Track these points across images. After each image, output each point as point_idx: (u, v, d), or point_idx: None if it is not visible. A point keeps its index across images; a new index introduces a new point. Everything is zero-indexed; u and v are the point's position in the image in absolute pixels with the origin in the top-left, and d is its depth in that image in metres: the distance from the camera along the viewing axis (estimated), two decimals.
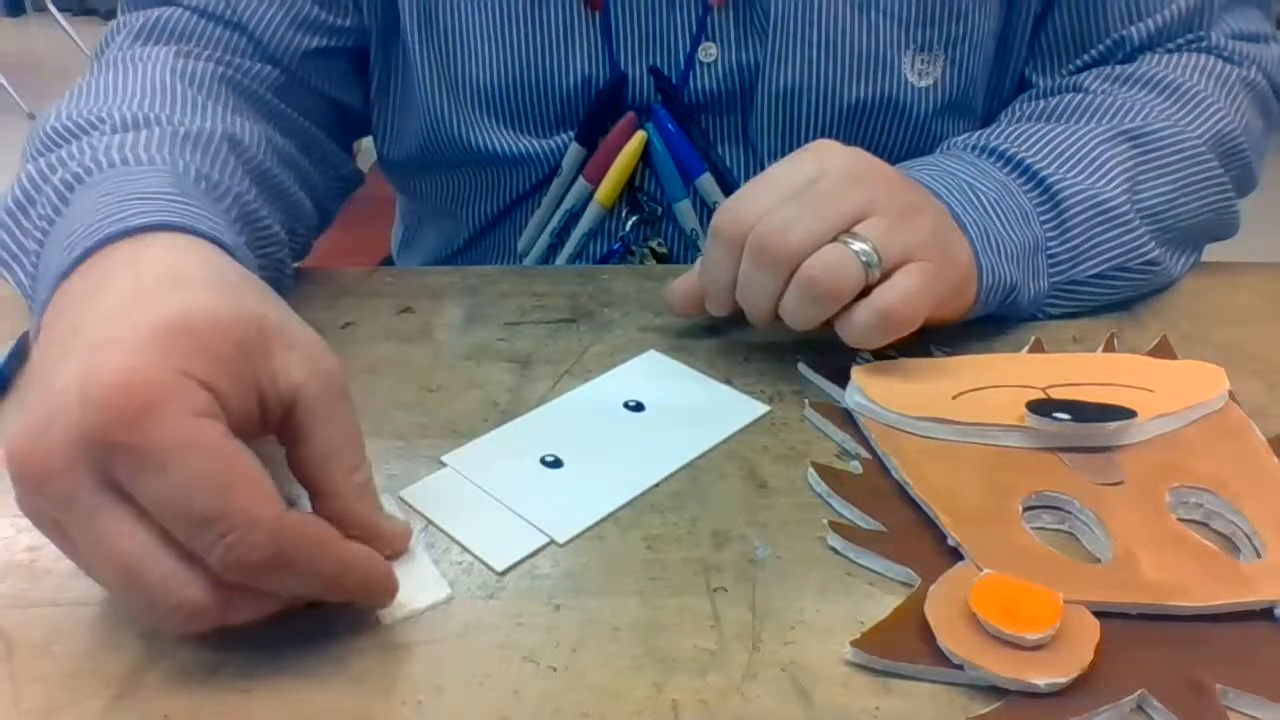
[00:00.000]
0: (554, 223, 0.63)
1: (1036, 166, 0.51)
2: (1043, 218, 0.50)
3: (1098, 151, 0.52)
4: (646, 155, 0.60)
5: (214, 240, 0.38)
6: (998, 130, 0.55)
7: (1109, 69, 0.58)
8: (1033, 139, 0.52)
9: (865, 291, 0.42)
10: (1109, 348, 0.48)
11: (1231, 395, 0.44)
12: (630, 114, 0.59)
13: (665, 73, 0.58)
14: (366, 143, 0.74)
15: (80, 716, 0.30)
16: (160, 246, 0.36)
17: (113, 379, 0.29)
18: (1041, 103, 0.58)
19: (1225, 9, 0.59)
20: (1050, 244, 0.50)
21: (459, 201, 0.66)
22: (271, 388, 0.33)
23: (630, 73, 0.58)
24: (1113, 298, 0.52)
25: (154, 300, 0.33)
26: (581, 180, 0.61)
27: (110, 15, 4.17)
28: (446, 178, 0.65)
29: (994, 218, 0.48)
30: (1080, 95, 0.57)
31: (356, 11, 0.60)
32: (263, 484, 0.30)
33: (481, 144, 0.60)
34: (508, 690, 0.31)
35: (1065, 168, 0.51)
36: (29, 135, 0.50)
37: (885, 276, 0.42)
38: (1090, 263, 0.50)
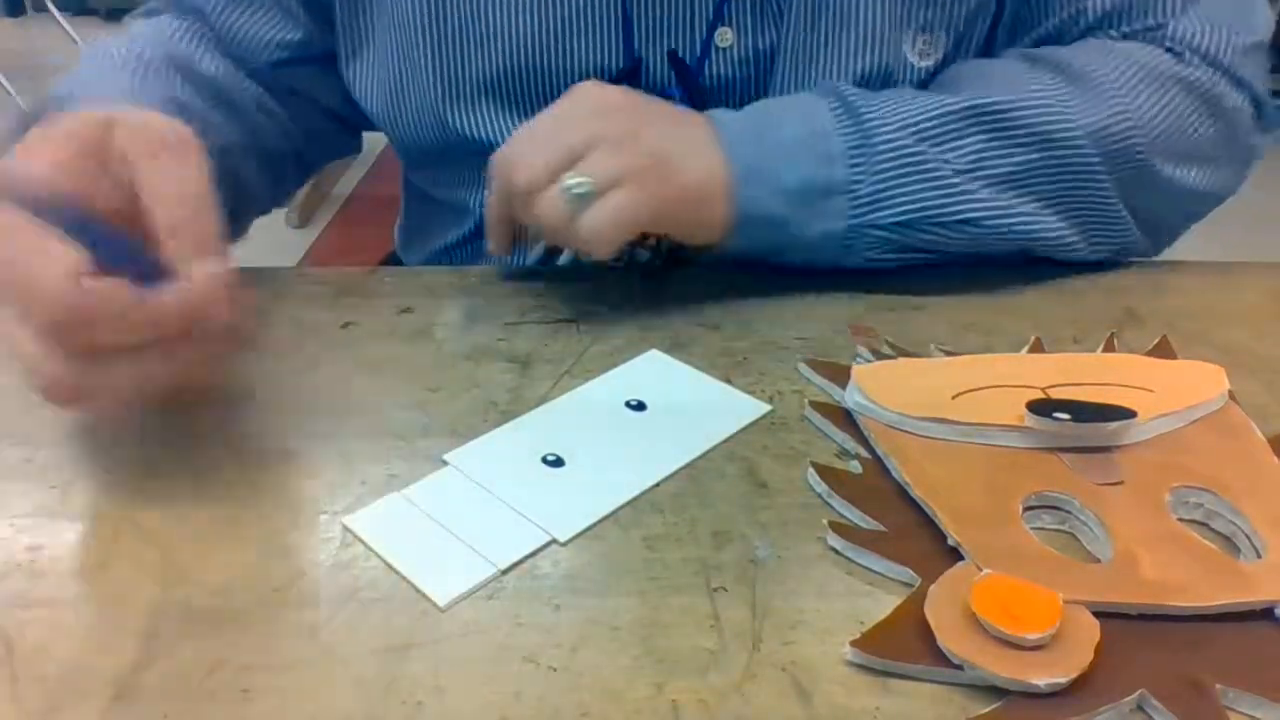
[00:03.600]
0: None
1: (866, 115, 0.52)
2: (851, 159, 0.51)
3: (941, 112, 0.52)
4: None
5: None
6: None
7: (1026, 50, 0.58)
8: (890, 99, 0.53)
9: None
10: (1109, 348, 0.48)
11: (1231, 395, 0.44)
12: None
13: (680, 57, 0.58)
14: (367, 141, 0.75)
15: (80, 716, 0.30)
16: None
17: None
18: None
19: None
20: (854, 186, 0.51)
21: (467, 190, 0.66)
22: (115, 166, 0.39)
23: (646, 57, 0.58)
24: (948, 250, 0.53)
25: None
26: None
27: (110, 15, 4.17)
28: (454, 168, 0.65)
29: (778, 155, 0.51)
30: (971, 66, 0.58)
31: (311, 22, 0.62)
32: (59, 255, 0.34)
33: (490, 137, 0.60)
34: (508, 690, 0.31)
35: (893, 117, 0.52)
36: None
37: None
38: (889, 210, 0.51)
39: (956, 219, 0.52)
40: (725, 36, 0.58)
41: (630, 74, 0.58)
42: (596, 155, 0.48)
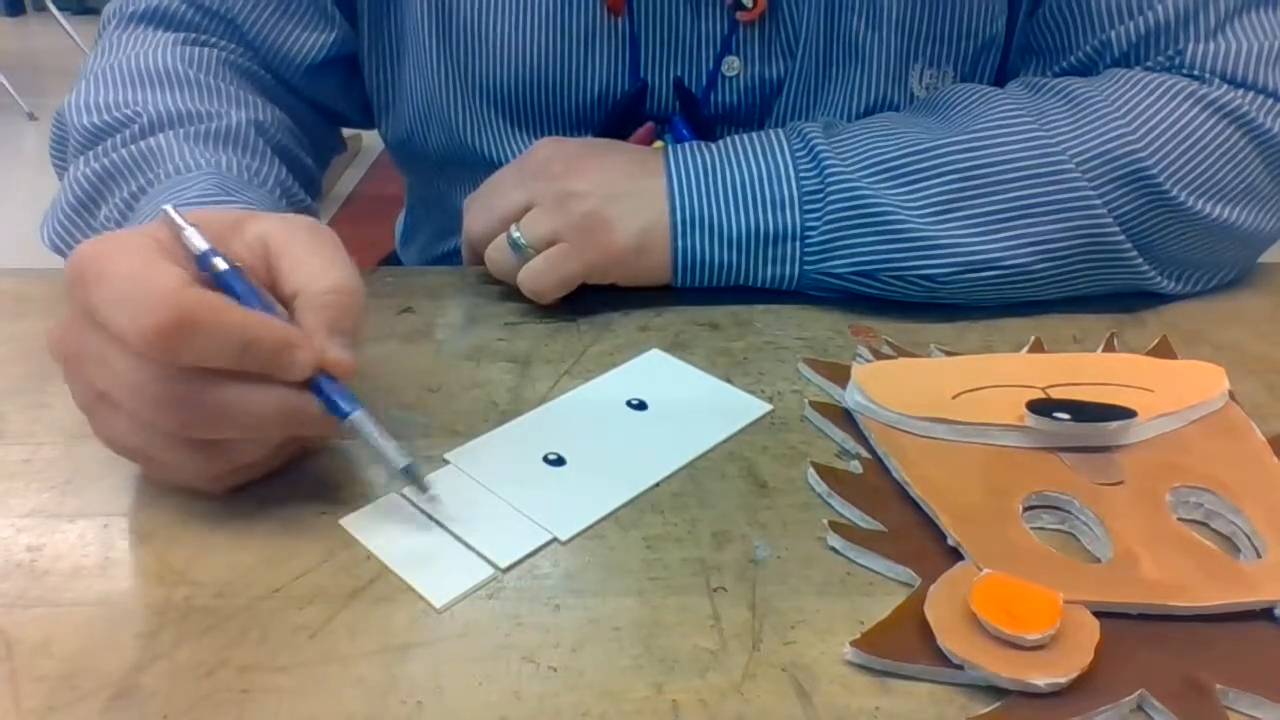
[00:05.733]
0: None
1: (828, 162, 0.51)
2: (807, 205, 0.51)
3: (911, 150, 0.50)
4: None
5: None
6: (841, 126, 0.54)
7: (1032, 79, 0.55)
8: (852, 141, 0.52)
9: None
10: (1109, 348, 0.48)
11: (1231, 395, 0.44)
12: (649, 123, 0.59)
13: (687, 84, 0.58)
14: (367, 140, 0.75)
15: (80, 716, 0.30)
16: None
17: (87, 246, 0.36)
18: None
19: (1237, 12, 0.53)
20: (808, 232, 0.51)
21: (463, 197, 0.66)
22: (242, 243, 0.39)
23: (652, 81, 0.58)
24: (915, 299, 0.51)
25: None
26: None
27: None
28: (455, 177, 0.65)
29: (723, 203, 0.51)
30: (962, 92, 0.54)
31: (344, 21, 0.61)
32: (171, 270, 0.34)
33: (493, 150, 0.61)
34: (508, 690, 0.31)
35: (859, 168, 0.50)
36: (63, 126, 0.56)
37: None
38: (844, 259, 0.51)
39: (917, 274, 0.50)
40: (732, 65, 0.58)
41: (635, 98, 0.58)
42: (533, 215, 0.50)
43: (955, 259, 0.50)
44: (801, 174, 0.51)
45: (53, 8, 3.30)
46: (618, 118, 0.59)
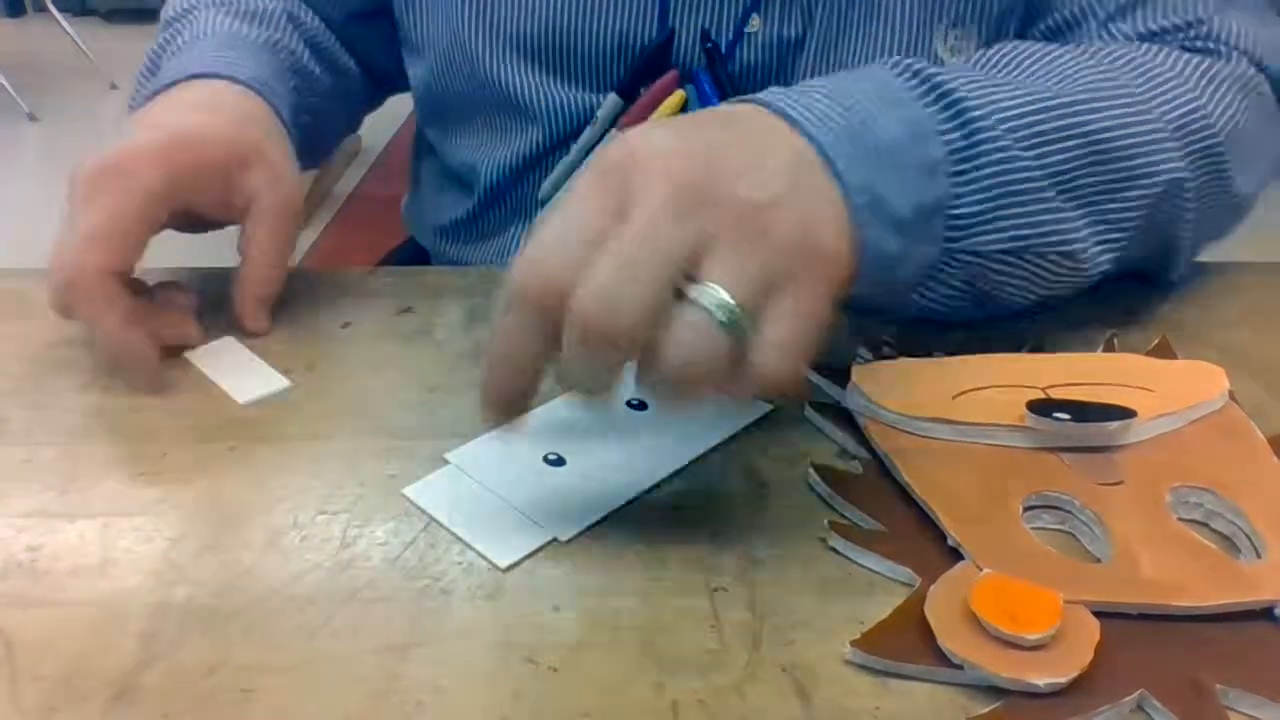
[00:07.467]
0: (582, 170, 0.62)
1: (969, 106, 0.41)
2: (955, 168, 0.40)
3: (1039, 106, 0.42)
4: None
5: (239, 81, 0.54)
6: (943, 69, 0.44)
7: (1068, 45, 0.49)
8: (978, 79, 0.43)
9: None
10: (1109, 348, 0.48)
11: (1231, 395, 0.44)
12: (674, 71, 0.58)
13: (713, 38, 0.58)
14: (367, 141, 0.75)
15: (80, 716, 0.30)
16: (196, 86, 0.53)
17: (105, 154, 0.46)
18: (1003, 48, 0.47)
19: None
20: (955, 203, 0.40)
21: (482, 148, 0.65)
22: (239, 193, 0.49)
23: (679, 31, 0.58)
24: (1024, 291, 0.46)
25: (177, 114, 0.51)
26: (615, 132, 0.60)
27: (110, 16, 4.15)
28: (471, 118, 0.65)
29: (890, 173, 0.38)
30: (1028, 50, 0.47)
31: None
32: (106, 247, 0.45)
33: (520, 92, 0.60)
34: (508, 690, 0.31)
35: (991, 106, 0.41)
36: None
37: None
38: (994, 234, 0.41)
39: (1058, 249, 0.43)
40: (753, 23, 0.57)
41: (662, 46, 0.58)
42: (722, 265, 0.32)
43: (1080, 233, 0.44)
44: (942, 126, 0.40)
45: (53, 8, 3.30)
46: (641, 68, 0.58)
